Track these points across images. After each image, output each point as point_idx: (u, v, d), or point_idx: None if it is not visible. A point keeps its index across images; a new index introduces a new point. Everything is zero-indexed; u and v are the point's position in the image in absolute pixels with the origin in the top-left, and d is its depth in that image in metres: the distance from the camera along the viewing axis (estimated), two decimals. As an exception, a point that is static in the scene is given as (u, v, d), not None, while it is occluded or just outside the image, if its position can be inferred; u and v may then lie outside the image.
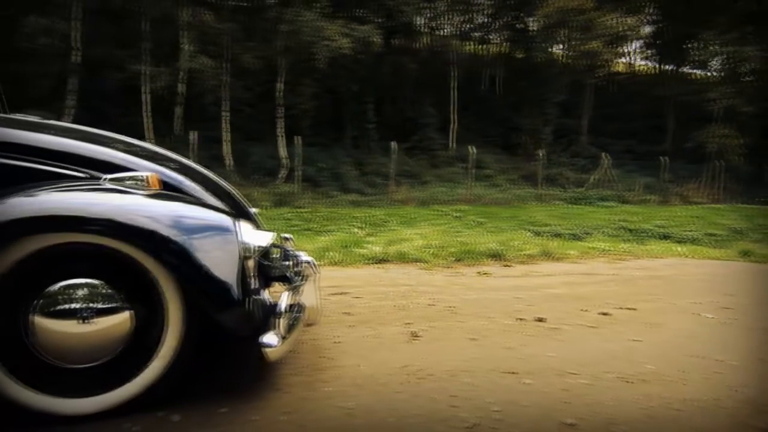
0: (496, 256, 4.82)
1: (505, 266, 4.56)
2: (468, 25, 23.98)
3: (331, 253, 4.59)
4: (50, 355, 1.56)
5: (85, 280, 1.56)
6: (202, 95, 15.72)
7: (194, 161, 2.56)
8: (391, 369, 2.08)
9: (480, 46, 25.38)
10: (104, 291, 1.57)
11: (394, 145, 14.43)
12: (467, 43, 24.65)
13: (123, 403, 1.61)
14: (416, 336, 2.52)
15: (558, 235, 7.56)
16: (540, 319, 2.86)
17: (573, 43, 20.87)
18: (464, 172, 16.74)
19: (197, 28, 15.61)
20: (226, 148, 15.77)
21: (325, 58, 14.87)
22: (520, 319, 2.88)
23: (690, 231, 9.12)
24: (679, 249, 6.35)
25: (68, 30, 14.00)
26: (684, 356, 2.35)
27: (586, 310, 3.10)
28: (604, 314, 3.03)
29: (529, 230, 8.02)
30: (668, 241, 7.74)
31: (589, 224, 9.37)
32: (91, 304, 1.55)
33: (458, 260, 4.64)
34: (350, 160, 17.45)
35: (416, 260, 4.55)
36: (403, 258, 4.58)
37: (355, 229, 7.09)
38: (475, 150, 15.74)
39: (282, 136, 16.47)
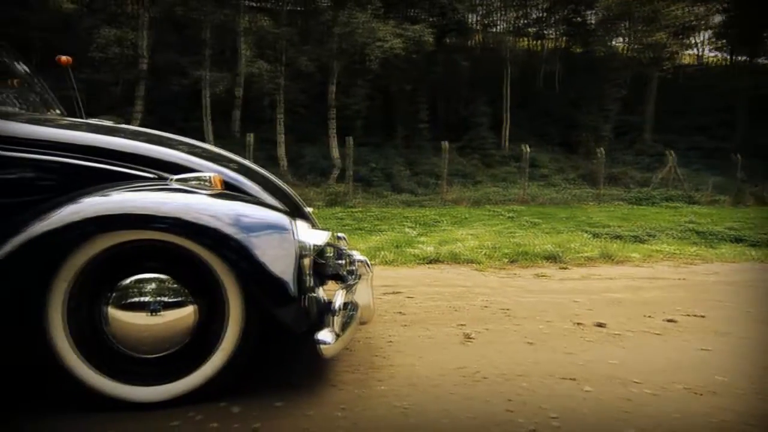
0: (552, 258, 4.66)
1: (562, 269, 4.41)
2: (523, 21, 23.42)
3: (383, 253, 4.61)
4: (122, 344, 1.66)
5: (154, 275, 1.65)
6: (259, 98, 16.26)
7: (251, 162, 2.65)
8: (445, 370, 2.06)
9: (535, 42, 24.71)
10: (171, 286, 1.66)
11: (446, 144, 14.28)
12: (522, 40, 24.07)
13: (187, 392, 1.68)
14: (470, 338, 2.49)
15: (619, 237, 7.22)
16: (600, 325, 2.74)
17: (636, 35, 19.89)
18: (518, 172, 16.34)
19: (255, 33, 16.16)
20: (281, 149, 16.21)
21: (377, 58, 14.97)
22: (579, 324, 2.77)
23: (766, 234, 8.45)
24: (752, 253, 5.89)
25: (137, 39, 14.87)
26: (757, 368, 2.19)
27: (650, 316, 2.94)
28: (670, 321, 2.87)
29: (587, 231, 7.70)
30: (741, 244, 7.19)
31: (653, 226, 8.88)
32: (159, 298, 1.64)
33: (513, 262, 4.53)
34: (402, 159, 17.47)
35: (469, 261, 4.49)
36: (455, 258, 4.53)
37: (407, 229, 7.08)
38: (529, 148, 15.32)
39: (334, 137, 16.74)
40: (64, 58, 2.77)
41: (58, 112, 2.70)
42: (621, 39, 22.12)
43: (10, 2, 14.67)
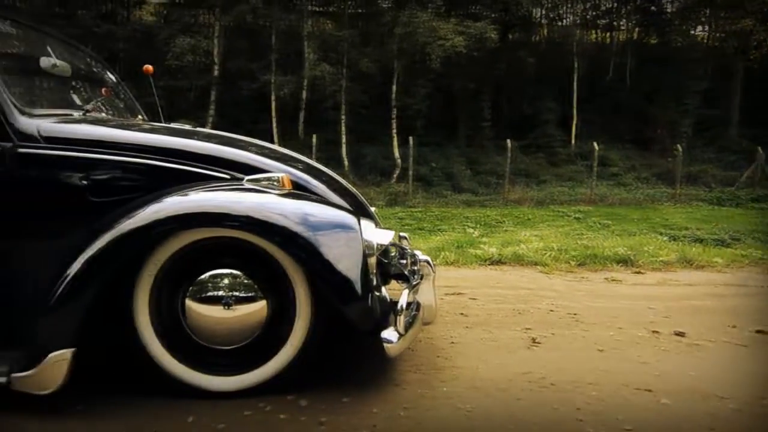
0: (624, 261, 4.42)
1: (636, 273, 4.17)
2: (592, 13, 22.38)
3: (444, 253, 4.57)
4: (199, 335, 1.76)
5: (228, 271, 1.74)
6: (323, 100, 16.65)
7: (317, 162, 2.71)
8: (511, 374, 2.02)
9: (605, 34, 23.55)
10: (244, 281, 1.74)
11: (509, 142, 13.96)
12: (591, 32, 23.03)
13: (257, 384, 1.76)
14: (536, 342, 2.41)
15: (699, 241, 6.73)
16: (679, 333, 2.57)
17: (719, 22, 18.44)
18: (587, 171, 15.64)
19: (319, 37, 16.57)
20: (343, 150, 16.51)
21: (438, 57, 14.88)
22: (655, 332, 2.61)
23: None
24: None
25: (210, 47, 15.70)
26: None
27: (734, 326, 2.72)
28: (759, 332, 2.63)
29: (663, 234, 7.24)
30: (842, 250, 6.48)
31: (739, 228, 8.20)
32: (233, 293, 1.73)
33: (581, 264, 4.35)
34: (463, 159, 17.26)
35: (534, 263, 4.35)
36: (519, 260, 4.41)
37: (469, 229, 6.99)
38: (599, 146, 14.61)
39: (396, 137, 16.82)
40: (147, 67, 2.98)
41: (141, 117, 2.90)
42: (701, 27, 20.61)
43: (100, 17, 15.94)
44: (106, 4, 18.24)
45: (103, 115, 2.37)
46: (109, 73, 2.88)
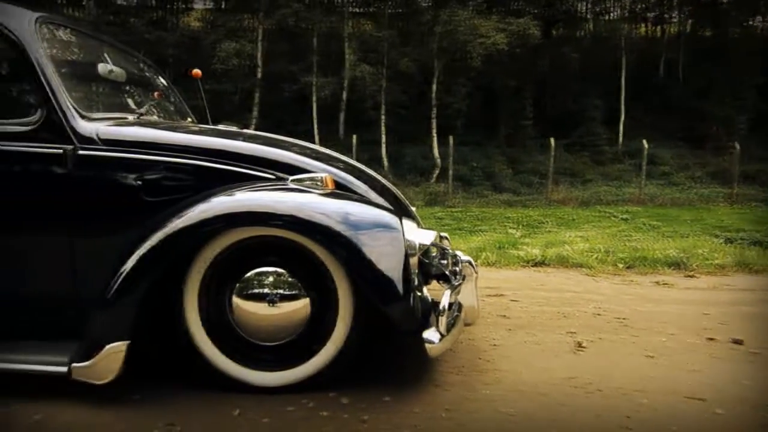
0: (676, 264, 4.23)
1: (688, 277, 3.98)
2: (641, 5, 21.50)
3: (485, 254, 4.51)
4: (244, 331, 1.81)
5: (272, 269, 1.78)
6: (363, 101, 16.76)
7: (358, 162, 2.73)
8: (555, 379, 1.97)
9: (655, 28, 22.60)
10: (287, 279, 1.77)
11: (552, 141, 13.61)
12: (639, 26, 22.15)
13: (300, 381, 1.79)
14: (582, 347, 2.34)
15: (758, 243, 6.34)
16: (736, 341, 2.44)
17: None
18: (634, 169, 15.06)
19: (359, 38, 16.68)
20: (383, 150, 16.56)
21: (479, 55, 14.69)
22: (710, 339, 2.49)
23: None
24: None
25: (253, 51, 16.09)
26: None
27: (798, 335, 2.56)
28: (829, 342, 2.46)
29: (718, 236, 6.87)
30: None
31: (802, 231, 7.69)
32: (276, 290, 1.76)
33: (629, 267, 4.19)
34: (504, 158, 16.97)
35: (579, 265, 4.23)
36: (563, 262, 4.30)
37: (510, 230, 6.87)
38: (649, 144, 14.03)
39: (435, 136, 16.73)
40: (196, 71, 3.08)
41: (190, 119, 3.01)
42: (760, 18, 19.44)
43: (151, 24, 16.64)
44: (157, 11, 19.03)
45: (155, 117, 2.47)
46: (160, 77, 3.00)
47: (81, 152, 1.78)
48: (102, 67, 2.19)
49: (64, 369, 1.64)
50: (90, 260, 1.78)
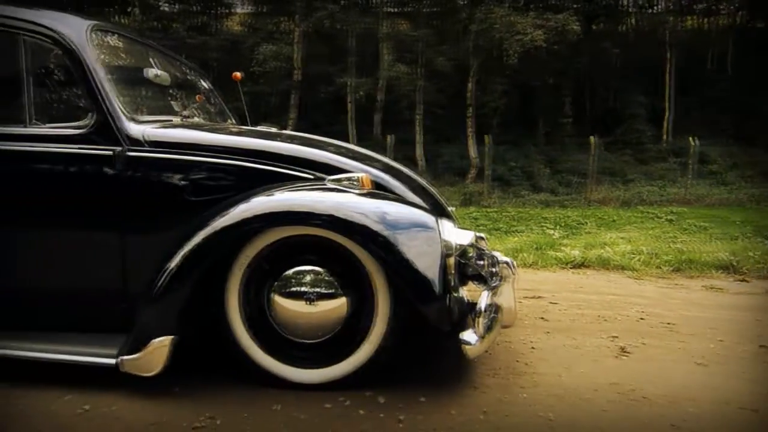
0: (726, 268, 4.04)
1: (739, 281, 3.80)
2: (688, -3, 20.58)
3: (522, 255, 4.43)
4: (284, 328, 1.84)
5: (311, 268, 1.81)
6: (398, 100, 16.75)
7: (395, 162, 2.72)
8: (597, 384, 1.92)
9: (703, 20, 21.60)
10: (326, 278, 1.79)
11: (593, 139, 13.22)
12: (686, 19, 21.22)
13: (337, 378, 1.81)
14: (625, 352, 2.27)
15: (817, 246, 5.97)
16: (793, 350, 2.31)
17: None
18: (681, 168, 14.44)
19: (394, 38, 16.68)
20: (419, 150, 16.50)
21: (516, 53, 14.42)
22: (762, 347, 2.36)
23: None
24: None
25: (291, 53, 16.34)
26: None
27: None
28: None
29: (772, 238, 6.51)
30: None
31: None
32: (315, 289, 1.79)
33: (676, 270, 4.03)
34: (542, 157, 16.58)
35: (621, 267, 4.10)
36: (605, 264, 4.17)
37: (548, 230, 6.72)
38: (697, 142, 13.42)
39: (472, 136, 16.54)
40: (236, 74, 3.16)
41: (230, 121, 3.08)
42: (821, 7, 18.26)
43: (193, 29, 17.16)
44: (199, 16, 19.59)
45: (198, 119, 2.54)
46: (202, 80, 3.08)
47: (129, 153, 1.86)
48: (148, 72, 2.27)
49: (114, 361, 1.71)
50: (138, 257, 1.86)
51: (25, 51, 1.90)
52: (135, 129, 1.89)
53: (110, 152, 1.85)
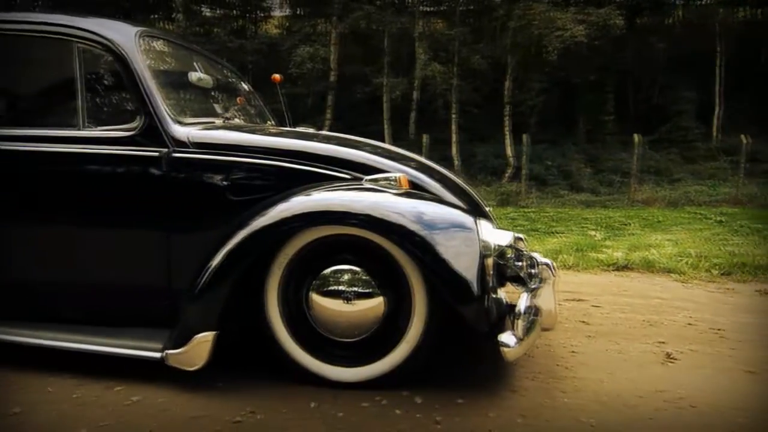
0: (782, 271, 3.82)
1: (797, 286, 3.59)
2: (740, -13, 19.55)
3: (562, 256, 4.32)
4: (321, 327, 1.86)
5: (348, 267, 1.82)
6: (433, 100, 16.67)
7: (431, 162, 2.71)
8: (642, 391, 1.85)
9: (755, 11, 20.49)
10: (363, 278, 1.80)
11: (636, 137, 12.75)
12: (738, 9, 20.18)
13: (374, 378, 1.82)
14: (672, 358, 2.18)
15: None
16: None
17: None
18: (732, 167, 13.75)
19: (429, 37, 16.61)
20: (454, 149, 16.37)
21: (556, 49, 14.09)
22: (825, 356, 2.22)
23: None
24: None
25: (327, 54, 16.52)
26: None
27: None
28: None
29: (834, 241, 6.11)
30: None
31: None
32: (352, 288, 1.80)
33: (726, 274, 3.84)
34: (582, 156, 16.13)
35: (667, 270, 3.94)
36: (650, 266, 4.02)
37: (590, 231, 6.52)
38: (749, 139, 12.74)
39: (508, 135, 16.28)
40: (276, 76, 3.22)
41: (270, 122, 3.14)
42: None
43: (233, 33, 17.60)
44: (238, 20, 20.07)
45: (239, 121, 2.61)
46: (243, 83, 3.16)
47: (175, 155, 1.92)
48: (192, 75, 2.35)
49: (159, 355, 1.77)
50: (182, 254, 1.92)
51: (78, 57, 1.99)
52: (180, 131, 1.96)
53: (157, 154, 1.92)
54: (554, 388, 1.86)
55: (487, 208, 2.40)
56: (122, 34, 2.03)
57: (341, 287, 1.80)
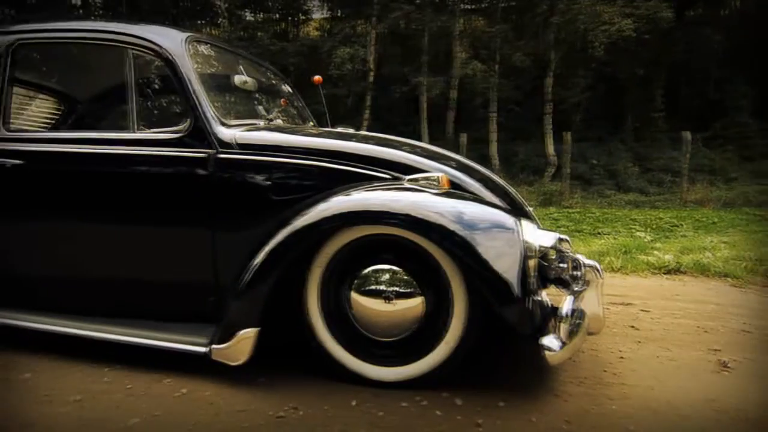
0: None
1: None
2: (805, -26, 18.31)
3: (609, 258, 4.18)
4: (361, 326, 1.87)
5: (388, 267, 1.82)
6: (472, 98, 16.48)
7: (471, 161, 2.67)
8: (693, 400, 1.76)
9: (824, -2, 19.13)
10: (403, 277, 1.80)
11: (688, 134, 12.17)
12: (803, -2, 18.91)
13: (413, 378, 1.81)
14: (726, 366, 2.07)
15: None
16: None
17: None
18: (794, 165, 12.91)
19: (470, 35, 16.42)
20: (493, 148, 16.13)
21: (602, 44, 13.64)
22: None
23: None
24: None
25: (366, 55, 16.61)
26: None
27: None
28: None
29: None
30: None
31: None
32: (392, 287, 1.80)
33: (787, 278, 3.61)
34: (629, 154, 15.54)
35: (722, 274, 3.74)
36: (703, 270, 3.83)
37: (638, 233, 6.28)
38: (812, 136, 11.92)
39: (550, 133, 15.89)
40: (317, 77, 3.26)
41: (311, 123, 3.19)
42: None
43: (275, 37, 17.99)
44: (280, 24, 20.49)
45: (281, 122, 2.66)
46: (285, 85, 3.22)
47: (220, 156, 1.98)
48: (237, 78, 2.41)
49: (205, 350, 1.83)
50: (227, 253, 1.97)
51: (131, 63, 2.08)
52: (226, 133, 2.01)
53: (204, 155, 1.99)
54: (601, 395, 1.80)
55: (529, 209, 2.35)
56: (171, 40, 2.11)
57: (381, 287, 1.80)
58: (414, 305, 1.79)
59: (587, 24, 13.56)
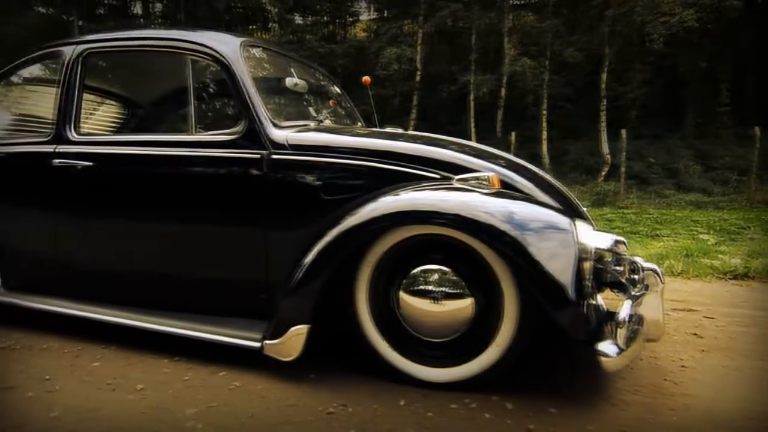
0: None
1: None
2: None
3: (669, 261, 3.97)
4: (409, 325, 1.87)
5: (438, 267, 1.81)
6: (522, 96, 16.10)
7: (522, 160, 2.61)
8: (759, 413, 1.65)
9: None
10: (452, 278, 1.78)
11: (757, 130, 11.38)
12: None
13: (462, 379, 1.79)
14: (802, 379, 1.92)
15: None
16: None
17: None
18: None
19: (519, 31, 16.06)
20: (543, 147, 15.70)
21: (661, 36, 12.99)
22: None
23: None
24: None
25: (413, 55, 16.59)
26: None
27: None
28: None
29: None
30: None
31: None
32: (441, 288, 1.79)
33: None
34: (690, 152, 14.71)
35: (796, 280, 3.48)
36: (774, 275, 3.58)
37: (701, 235, 5.94)
38: None
39: (604, 131, 15.29)
40: (366, 78, 3.29)
41: (360, 123, 3.22)
42: None
43: (323, 39, 18.30)
44: (328, 26, 20.82)
45: (329, 123, 2.70)
46: (334, 86, 3.27)
47: (274, 156, 2.03)
48: (289, 81, 2.47)
49: (258, 344, 1.88)
50: (278, 251, 2.02)
51: (190, 68, 2.18)
52: (278, 134, 2.07)
53: (258, 155, 2.05)
54: (661, 405, 1.71)
55: (584, 209, 2.27)
56: (228, 45, 2.19)
57: (430, 287, 1.79)
58: (463, 306, 1.77)
59: (644, 16, 12.94)
